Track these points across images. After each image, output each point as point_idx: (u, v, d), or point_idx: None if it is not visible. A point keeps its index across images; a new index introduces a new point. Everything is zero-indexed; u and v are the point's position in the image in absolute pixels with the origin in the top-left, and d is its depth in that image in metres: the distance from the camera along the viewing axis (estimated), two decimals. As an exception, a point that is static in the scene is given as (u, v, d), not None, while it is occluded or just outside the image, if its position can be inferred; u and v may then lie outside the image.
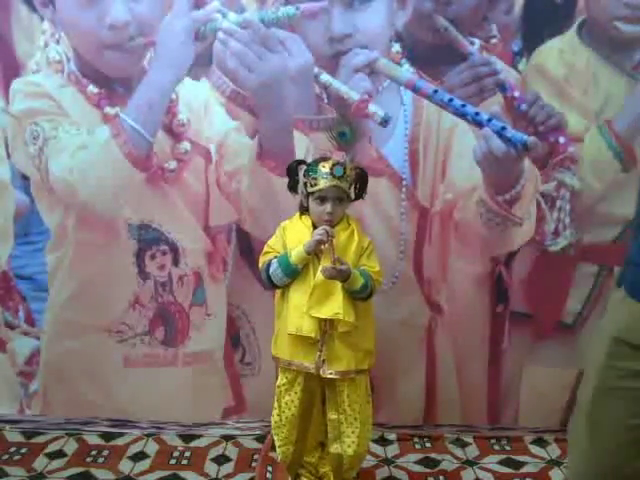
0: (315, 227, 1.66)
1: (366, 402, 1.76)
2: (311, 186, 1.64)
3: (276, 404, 1.75)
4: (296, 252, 1.63)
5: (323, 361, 1.66)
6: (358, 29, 1.97)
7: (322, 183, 1.62)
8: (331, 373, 1.66)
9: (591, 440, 1.17)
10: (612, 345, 1.12)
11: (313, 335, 1.63)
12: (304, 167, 1.67)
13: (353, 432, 1.71)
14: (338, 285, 1.61)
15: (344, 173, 1.61)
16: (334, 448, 1.75)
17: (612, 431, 1.14)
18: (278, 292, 1.74)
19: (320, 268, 1.60)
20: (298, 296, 1.65)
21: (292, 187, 1.71)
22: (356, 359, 1.68)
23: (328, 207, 1.63)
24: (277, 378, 1.76)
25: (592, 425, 1.16)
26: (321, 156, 1.68)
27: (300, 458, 1.83)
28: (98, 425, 2.24)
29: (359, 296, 1.64)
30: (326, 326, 1.64)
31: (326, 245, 1.60)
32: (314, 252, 1.62)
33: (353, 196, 1.71)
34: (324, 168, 1.62)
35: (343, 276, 1.59)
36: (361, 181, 1.70)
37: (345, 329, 1.63)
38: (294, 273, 1.65)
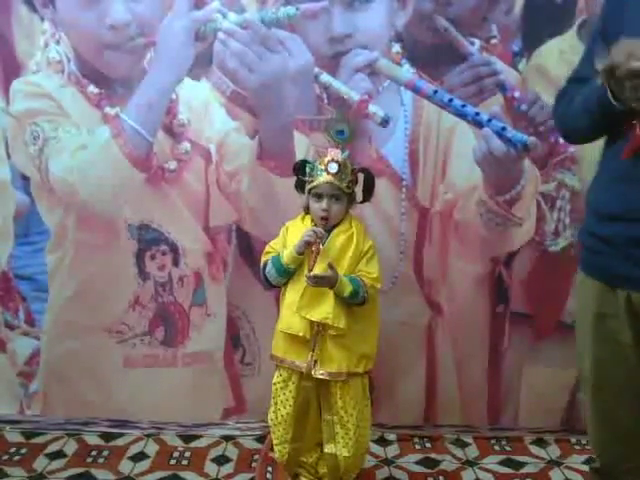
0: (315, 227, 1.67)
1: (363, 405, 1.75)
2: (309, 183, 1.66)
3: (272, 402, 1.76)
4: (287, 252, 1.64)
5: (315, 361, 1.66)
6: (358, 29, 1.97)
7: (317, 180, 1.64)
8: (322, 374, 1.66)
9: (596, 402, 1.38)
10: (595, 320, 1.33)
11: (302, 334, 1.63)
12: (310, 165, 1.69)
13: (347, 434, 1.71)
14: None
15: (339, 170, 1.62)
16: (329, 448, 1.75)
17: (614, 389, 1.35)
18: (282, 290, 1.74)
19: (305, 274, 1.61)
20: (292, 294, 1.66)
21: (298, 186, 1.72)
22: (349, 361, 1.67)
23: (323, 204, 1.64)
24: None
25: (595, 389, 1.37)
26: (320, 153, 1.68)
27: (297, 457, 1.82)
28: (98, 425, 2.24)
29: (350, 302, 1.64)
30: (319, 326, 1.64)
31: (312, 248, 1.61)
32: (304, 253, 1.62)
33: (360, 198, 1.71)
34: (320, 165, 1.64)
35: (329, 283, 1.59)
36: (368, 184, 1.70)
37: (335, 333, 1.63)
38: (287, 273, 1.66)
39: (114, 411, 2.23)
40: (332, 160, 1.62)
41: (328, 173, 1.62)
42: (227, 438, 2.21)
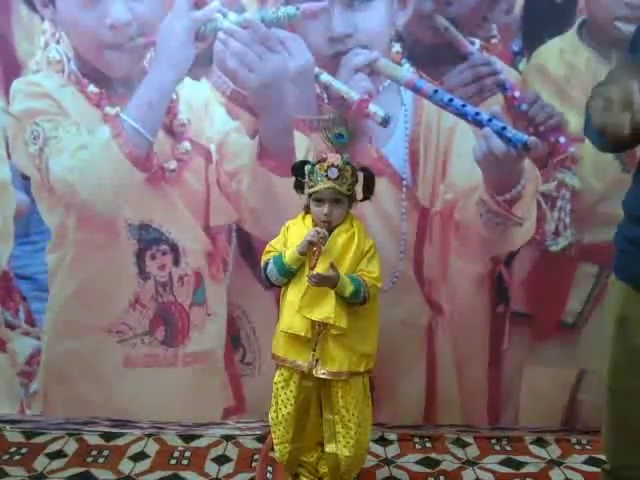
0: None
1: (364, 404, 1.75)
2: (310, 187, 1.66)
3: (273, 401, 1.76)
4: (289, 252, 1.64)
5: (317, 361, 1.66)
6: (358, 29, 1.97)
7: (318, 185, 1.63)
8: (324, 373, 1.66)
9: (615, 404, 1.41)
10: (617, 322, 1.34)
11: (303, 334, 1.63)
12: (309, 167, 1.68)
13: (347, 433, 1.71)
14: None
15: (339, 175, 1.62)
16: (330, 447, 1.75)
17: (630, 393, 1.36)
18: (282, 290, 1.74)
19: (307, 274, 1.61)
20: (293, 294, 1.66)
21: (297, 186, 1.72)
22: (350, 361, 1.67)
23: (325, 209, 1.64)
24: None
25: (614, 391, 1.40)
26: (319, 157, 1.68)
27: (298, 457, 1.83)
28: (98, 425, 2.24)
29: (351, 301, 1.64)
30: (320, 326, 1.64)
31: (314, 248, 1.61)
32: (306, 253, 1.62)
33: (360, 197, 1.71)
34: (320, 170, 1.63)
35: (330, 283, 1.59)
36: (368, 182, 1.70)
37: (336, 332, 1.63)
38: (288, 273, 1.66)
39: (114, 411, 2.23)
40: (332, 165, 1.62)
41: (328, 179, 1.62)
42: (227, 438, 2.21)
